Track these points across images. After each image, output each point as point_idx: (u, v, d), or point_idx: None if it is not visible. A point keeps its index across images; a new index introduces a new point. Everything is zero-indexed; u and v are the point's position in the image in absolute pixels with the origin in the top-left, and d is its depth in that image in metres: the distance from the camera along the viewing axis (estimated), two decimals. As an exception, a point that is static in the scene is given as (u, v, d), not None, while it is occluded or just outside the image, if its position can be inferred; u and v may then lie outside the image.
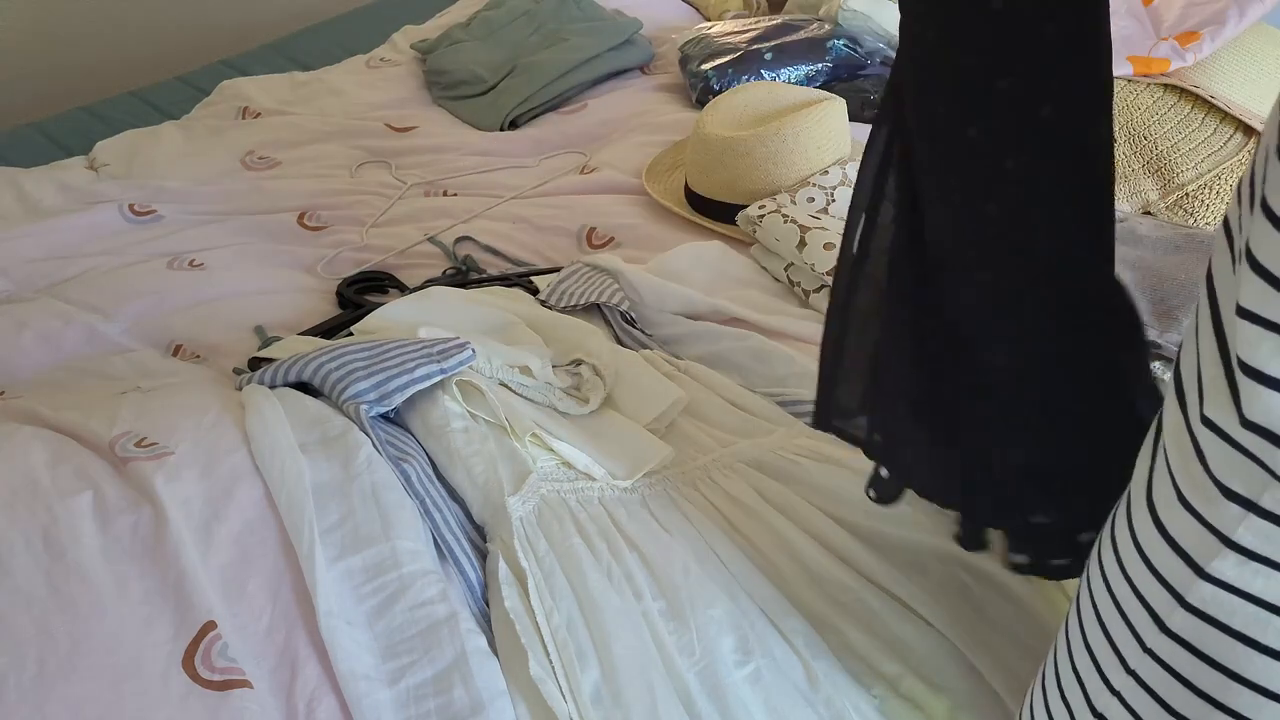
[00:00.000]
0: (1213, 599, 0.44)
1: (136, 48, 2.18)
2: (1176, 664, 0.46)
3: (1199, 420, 0.44)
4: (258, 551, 0.73)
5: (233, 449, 0.79)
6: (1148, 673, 0.48)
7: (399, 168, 1.53)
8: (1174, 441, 0.47)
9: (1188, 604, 0.45)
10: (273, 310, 1.19)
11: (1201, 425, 0.44)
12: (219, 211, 1.42)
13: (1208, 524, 0.44)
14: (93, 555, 0.69)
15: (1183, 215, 1.29)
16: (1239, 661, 0.44)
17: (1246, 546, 0.43)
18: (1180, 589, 0.45)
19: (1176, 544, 0.45)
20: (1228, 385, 0.42)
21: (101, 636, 0.65)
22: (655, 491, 0.87)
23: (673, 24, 1.90)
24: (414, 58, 1.86)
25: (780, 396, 0.98)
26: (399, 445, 0.86)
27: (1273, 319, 0.39)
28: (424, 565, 0.74)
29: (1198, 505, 0.44)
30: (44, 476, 0.74)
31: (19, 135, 1.65)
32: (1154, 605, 0.47)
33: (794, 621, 0.76)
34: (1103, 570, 0.51)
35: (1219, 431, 0.43)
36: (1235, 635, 0.44)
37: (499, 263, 1.28)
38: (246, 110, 1.68)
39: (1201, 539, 0.44)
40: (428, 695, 0.68)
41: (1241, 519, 0.42)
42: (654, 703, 0.68)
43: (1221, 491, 0.43)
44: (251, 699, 0.64)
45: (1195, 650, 0.45)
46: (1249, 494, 0.42)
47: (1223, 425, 0.43)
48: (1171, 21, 1.42)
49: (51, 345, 1.12)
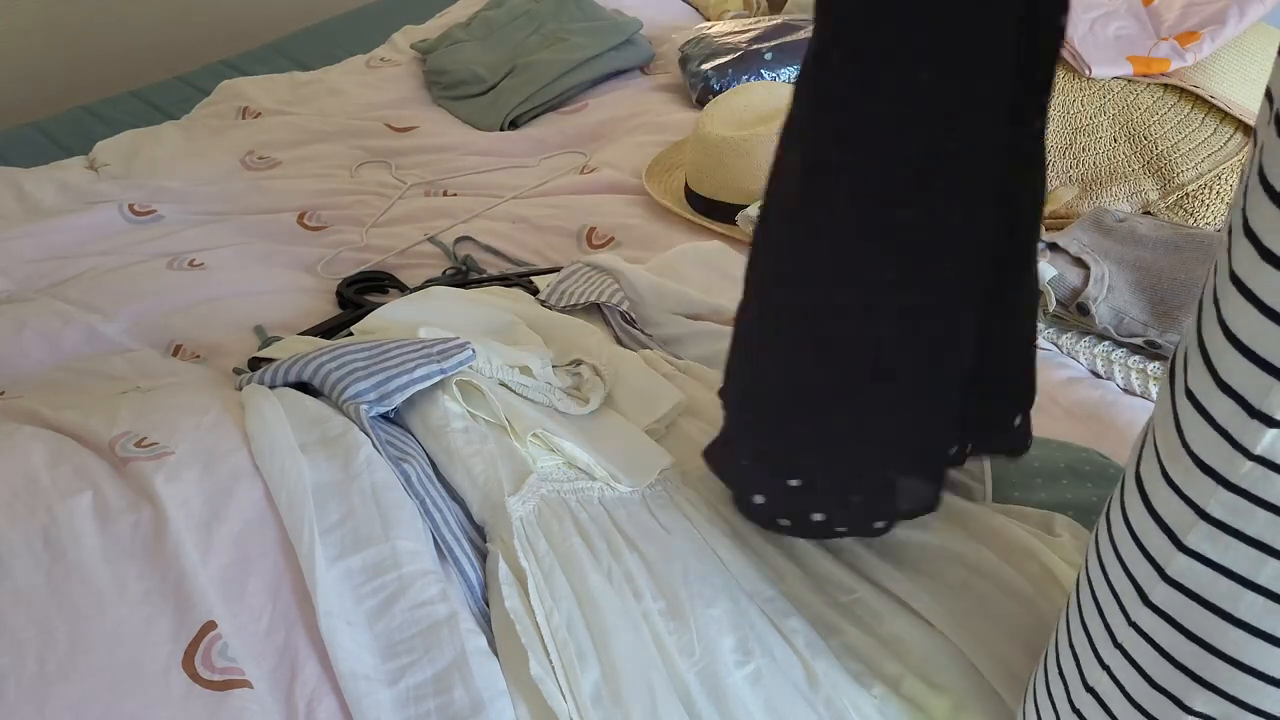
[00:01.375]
0: (1189, 571, 0.45)
1: (136, 48, 2.18)
2: (1159, 637, 0.47)
3: (1183, 393, 0.45)
4: (258, 551, 0.73)
5: (233, 449, 0.79)
6: (1133, 646, 0.49)
7: (399, 168, 1.53)
8: (1160, 418, 0.48)
9: (1168, 576, 0.46)
10: (273, 310, 1.19)
11: (1184, 398, 0.45)
12: (219, 211, 1.42)
13: (1184, 496, 0.44)
14: (93, 555, 0.69)
15: (1183, 215, 1.29)
16: (1215, 635, 0.45)
17: (1217, 518, 0.43)
18: (1162, 561, 0.46)
19: (1159, 516, 0.46)
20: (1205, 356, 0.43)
21: (101, 636, 0.65)
22: (655, 491, 0.87)
23: (673, 24, 1.90)
24: (414, 58, 1.86)
25: (780, 396, 0.98)
26: (399, 445, 0.86)
27: (1256, 291, 0.40)
28: (424, 565, 0.74)
29: (1176, 478, 0.45)
30: (44, 476, 0.74)
31: (19, 135, 1.65)
32: (1138, 578, 0.48)
33: (794, 621, 0.76)
34: (1098, 549, 0.52)
35: (1196, 404, 0.44)
36: (1211, 608, 0.44)
37: (499, 263, 1.28)
38: (246, 110, 1.68)
39: (1179, 512, 0.45)
40: (428, 695, 0.68)
41: (1214, 491, 0.43)
42: (654, 703, 0.68)
43: (1195, 464, 0.44)
44: (251, 699, 0.64)
45: (1176, 624, 0.46)
46: (1218, 466, 0.43)
47: (1200, 395, 0.43)
48: (1171, 21, 1.42)
49: (51, 345, 1.12)
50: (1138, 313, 1.06)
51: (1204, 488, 0.43)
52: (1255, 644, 0.43)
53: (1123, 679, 0.50)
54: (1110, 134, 1.34)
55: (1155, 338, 1.03)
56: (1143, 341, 1.04)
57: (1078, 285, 1.09)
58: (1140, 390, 1.03)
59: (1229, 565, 0.43)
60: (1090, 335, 1.09)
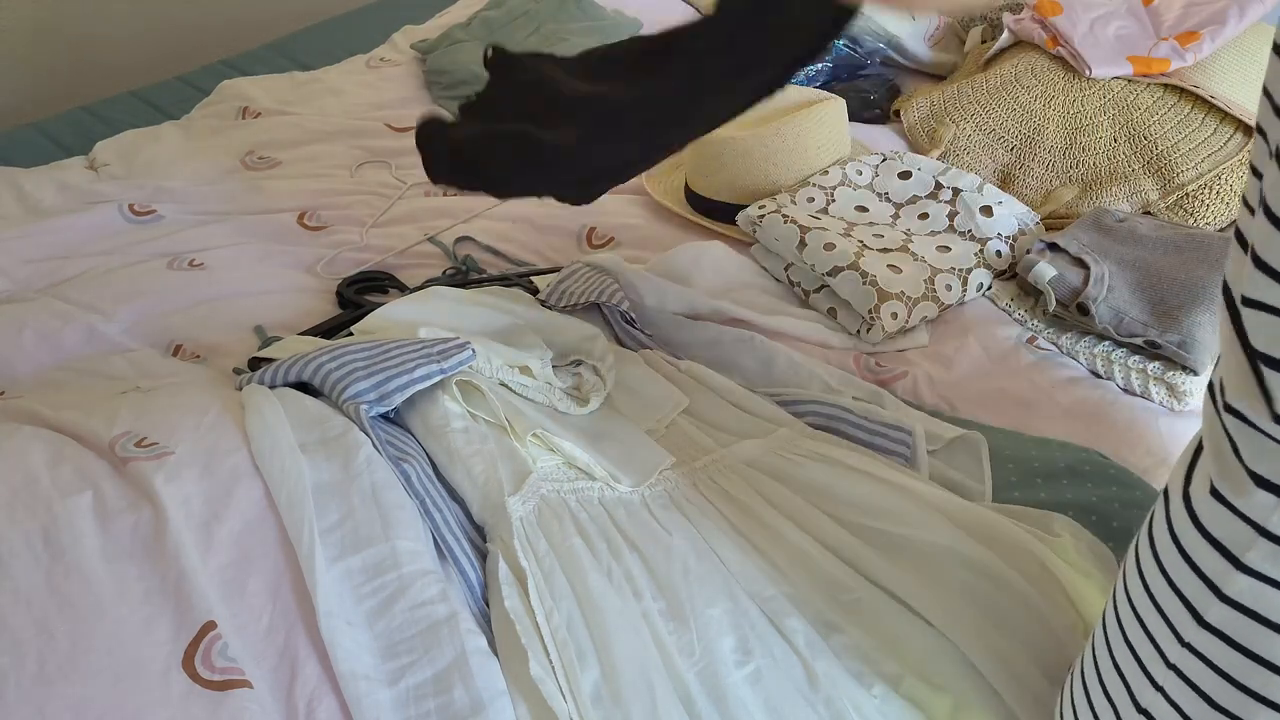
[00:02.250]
0: (1250, 591, 0.44)
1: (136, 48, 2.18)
2: (1216, 658, 0.46)
3: (1225, 409, 0.44)
4: (258, 551, 0.73)
5: (233, 449, 0.79)
6: (1188, 666, 0.47)
7: (399, 168, 1.52)
8: (1209, 434, 0.46)
9: (1225, 596, 0.45)
10: (273, 310, 1.19)
11: (1228, 414, 0.44)
12: (219, 211, 1.42)
13: (1242, 514, 0.43)
14: (93, 555, 0.69)
15: (1183, 215, 1.29)
16: (1278, 654, 0.43)
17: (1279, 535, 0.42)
18: (1218, 581, 0.45)
19: (1212, 536, 0.45)
20: (1253, 376, 0.42)
21: (101, 636, 0.65)
22: (655, 491, 0.87)
23: (672, 24, 1.90)
24: (414, 58, 1.86)
25: (780, 396, 0.98)
26: (399, 445, 0.86)
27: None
28: (424, 565, 0.74)
29: (1230, 496, 0.44)
30: (44, 476, 0.74)
31: (19, 135, 1.64)
32: (1190, 598, 0.46)
33: (794, 621, 0.76)
34: (1139, 566, 0.51)
35: (1246, 420, 0.43)
36: (1274, 627, 0.43)
37: (499, 263, 1.28)
38: (246, 110, 1.68)
39: (1236, 530, 0.44)
40: (428, 695, 0.68)
41: (1276, 508, 0.42)
42: (654, 703, 0.68)
43: (1254, 480, 0.43)
44: (251, 699, 0.64)
45: (1235, 644, 0.45)
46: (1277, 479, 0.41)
47: (1251, 416, 0.42)
48: (1171, 21, 1.42)
49: (51, 345, 1.12)
50: (1138, 313, 1.06)
51: (1264, 503, 0.42)
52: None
53: (1179, 700, 0.48)
54: (1110, 134, 1.34)
55: (1155, 338, 1.03)
56: (1143, 341, 1.04)
57: (1078, 285, 1.09)
58: (1140, 390, 1.03)
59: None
60: (1090, 335, 1.09)
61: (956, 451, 0.92)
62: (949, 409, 1.02)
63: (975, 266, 1.15)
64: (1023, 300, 1.15)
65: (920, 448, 0.91)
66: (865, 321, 1.09)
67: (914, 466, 0.90)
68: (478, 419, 0.88)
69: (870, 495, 0.83)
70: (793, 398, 0.97)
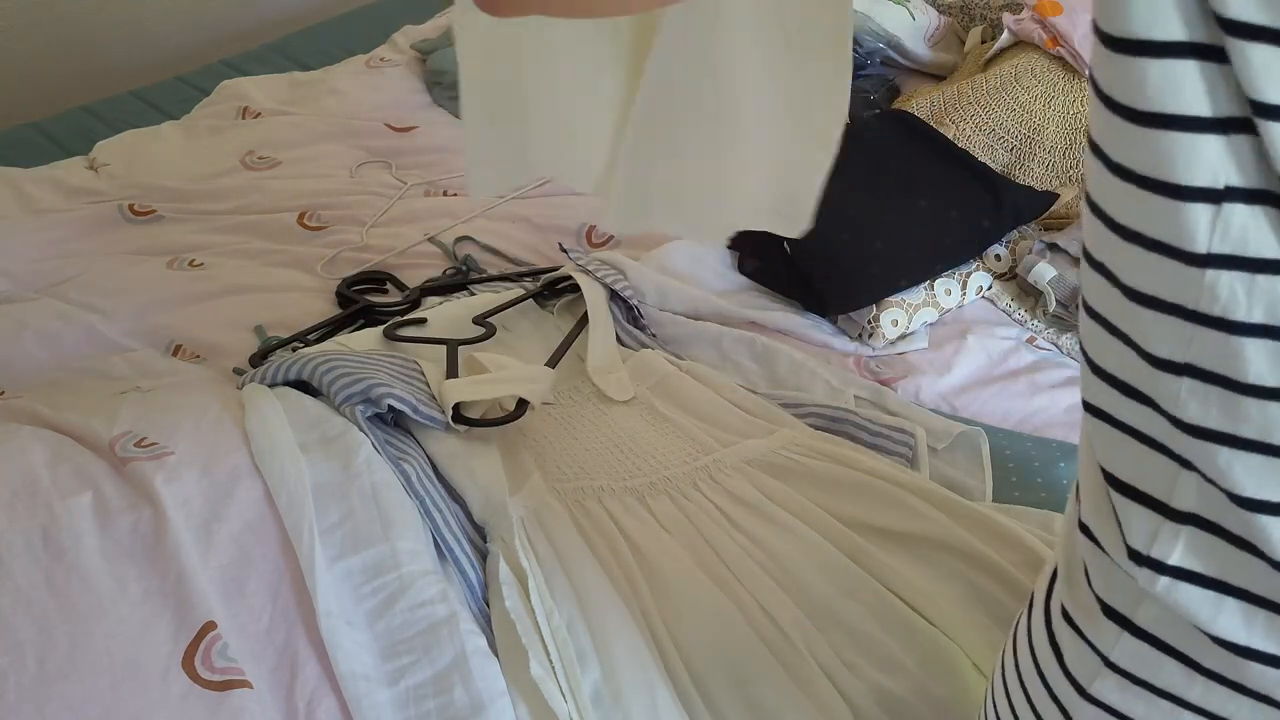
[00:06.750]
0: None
1: (136, 48, 2.18)
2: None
3: (1079, 526, 0.41)
4: (258, 551, 0.73)
5: (233, 449, 0.79)
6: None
7: (399, 168, 1.52)
8: (1062, 547, 0.44)
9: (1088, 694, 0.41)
10: (273, 310, 1.19)
11: (1081, 533, 0.41)
12: (219, 211, 1.42)
13: (1089, 642, 0.41)
14: (92, 555, 0.69)
15: (1183, 215, 1.29)
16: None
17: (1124, 668, 0.39)
18: (1068, 707, 0.42)
19: (1063, 660, 0.42)
20: (1107, 498, 0.39)
21: (101, 636, 0.65)
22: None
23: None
24: (414, 58, 1.86)
25: (781, 397, 0.98)
26: (398, 445, 0.85)
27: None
28: (424, 565, 0.74)
29: (1079, 621, 0.41)
30: (44, 476, 0.74)
31: (19, 135, 1.64)
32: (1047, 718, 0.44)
33: (791, 615, 0.76)
34: (1017, 661, 0.48)
35: (1099, 545, 0.40)
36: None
37: (499, 262, 1.28)
38: (246, 110, 1.68)
39: (1083, 657, 0.41)
40: (428, 695, 0.68)
41: (1119, 638, 0.39)
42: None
43: (1102, 609, 0.40)
44: (251, 699, 0.64)
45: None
46: (1125, 610, 0.39)
47: (1104, 543, 0.39)
48: (1172, 21, 1.42)
49: (51, 345, 1.12)
50: (1138, 313, 1.06)
51: (1110, 634, 0.39)
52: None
53: None
54: (1110, 134, 1.33)
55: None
56: (1143, 341, 1.04)
57: (1078, 285, 1.09)
58: (1140, 390, 1.03)
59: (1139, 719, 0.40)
60: (1090, 335, 1.09)
61: (957, 451, 0.93)
62: (949, 410, 1.02)
63: (975, 270, 1.16)
64: (1023, 301, 1.15)
65: (922, 449, 0.91)
66: (865, 329, 1.09)
67: (915, 467, 0.90)
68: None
69: (872, 493, 0.83)
70: (793, 398, 0.97)
